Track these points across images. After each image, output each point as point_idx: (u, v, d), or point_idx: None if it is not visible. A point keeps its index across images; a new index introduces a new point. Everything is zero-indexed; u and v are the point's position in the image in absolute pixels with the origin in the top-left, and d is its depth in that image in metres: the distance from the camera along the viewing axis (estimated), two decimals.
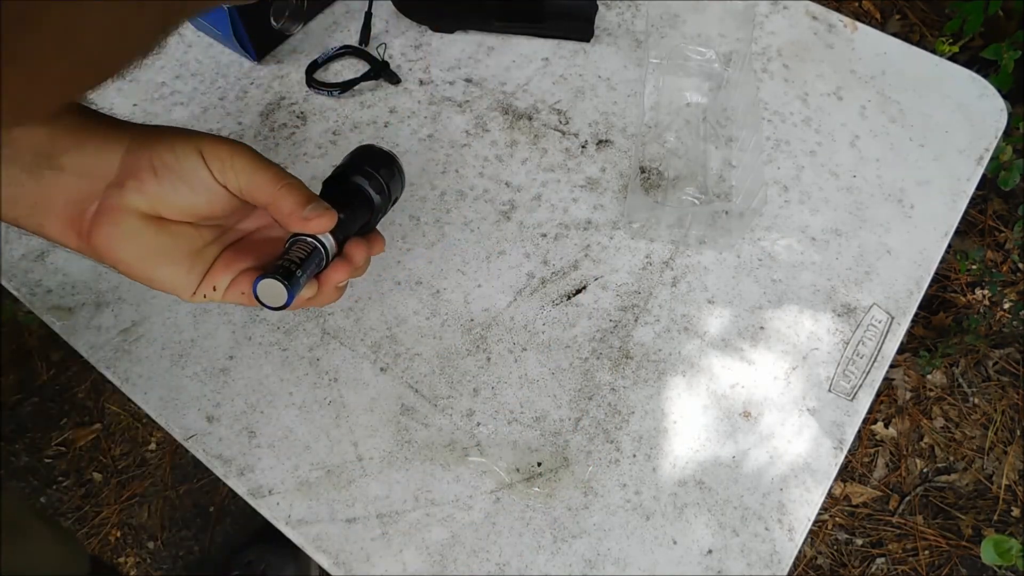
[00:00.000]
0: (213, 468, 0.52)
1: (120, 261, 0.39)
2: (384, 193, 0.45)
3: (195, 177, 0.38)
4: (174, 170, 0.37)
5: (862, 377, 0.56)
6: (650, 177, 0.63)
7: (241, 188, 0.38)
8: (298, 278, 0.38)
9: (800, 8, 0.73)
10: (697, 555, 0.50)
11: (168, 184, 0.37)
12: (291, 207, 0.39)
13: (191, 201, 0.38)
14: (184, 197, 0.38)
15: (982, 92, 0.69)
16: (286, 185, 0.39)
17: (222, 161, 0.38)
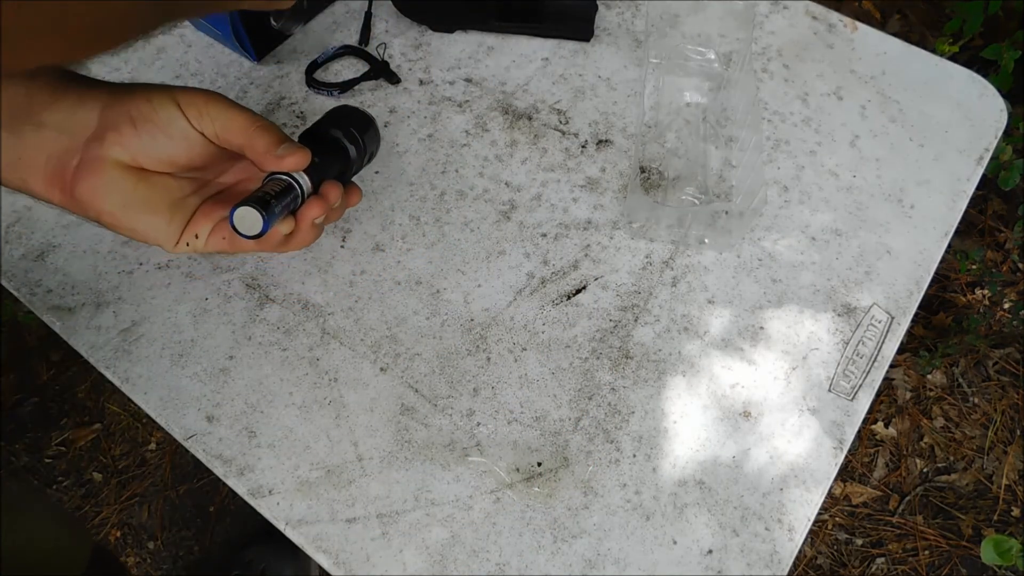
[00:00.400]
0: (213, 468, 0.52)
1: (103, 212, 0.40)
2: (359, 145, 0.46)
3: (172, 125, 0.39)
4: (152, 120, 0.38)
5: (862, 377, 0.56)
6: (650, 177, 0.63)
7: (217, 133, 0.39)
8: (273, 207, 0.39)
9: (800, 8, 0.73)
10: (697, 555, 0.50)
11: (147, 134, 0.39)
12: (265, 145, 0.40)
13: (170, 150, 0.40)
14: (163, 146, 0.39)
15: (982, 92, 0.69)
16: (260, 127, 0.40)
17: (198, 108, 0.39)
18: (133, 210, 0.41)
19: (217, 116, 0.39)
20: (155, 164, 0.40)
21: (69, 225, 0.60)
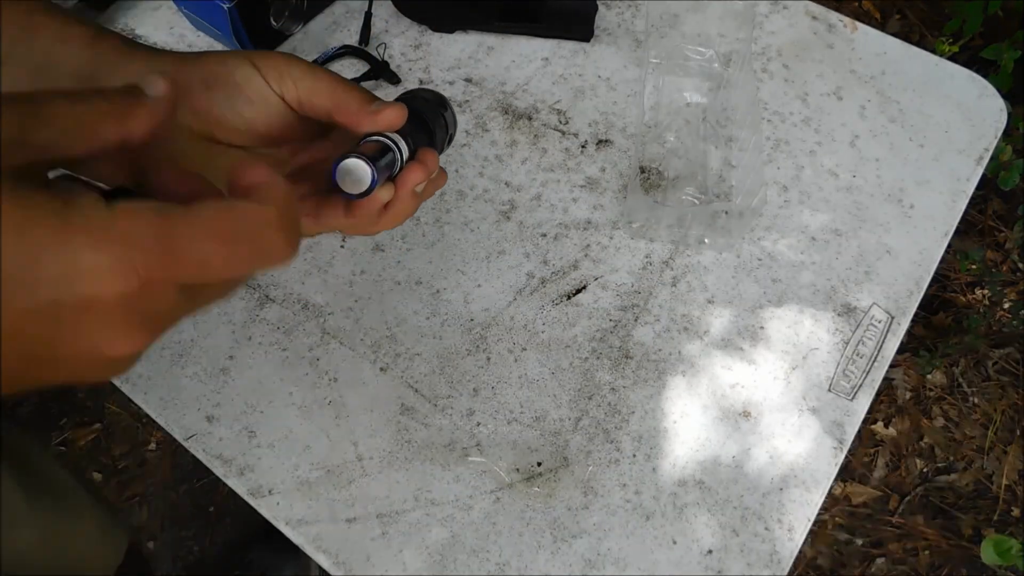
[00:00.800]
0: (213, 468, 0.52)
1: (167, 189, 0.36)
2: (443, 123, 0.42)
3: (250, 86, 0.35)
4: (227, 81, 0.35)
5: (862, 377, 0.56)
6: (650, 177, 0.63)
7: (299, 96, 0.35)
8: (378, 163, 0.34)
9: (800, 8, 0.73)
10: (697, 555, 0.50)
11: (221, 95, 0.35)
12: (358, 104, 0.36)
13: (247, 114, 0.35)
14: (239, 110, 0.35)
15: (982, 92, 0.69)
16: (347, 87, 0.36)
17: (278, 69, 0.35)
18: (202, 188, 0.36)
19: (300, 77, 0.35)
20: (229, 133, 0.36)
21: None
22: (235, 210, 0.25)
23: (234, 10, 0.63)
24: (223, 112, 0.35)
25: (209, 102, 0.34)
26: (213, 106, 0.35)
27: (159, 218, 0.23)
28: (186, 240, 0.23)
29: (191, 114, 0.34)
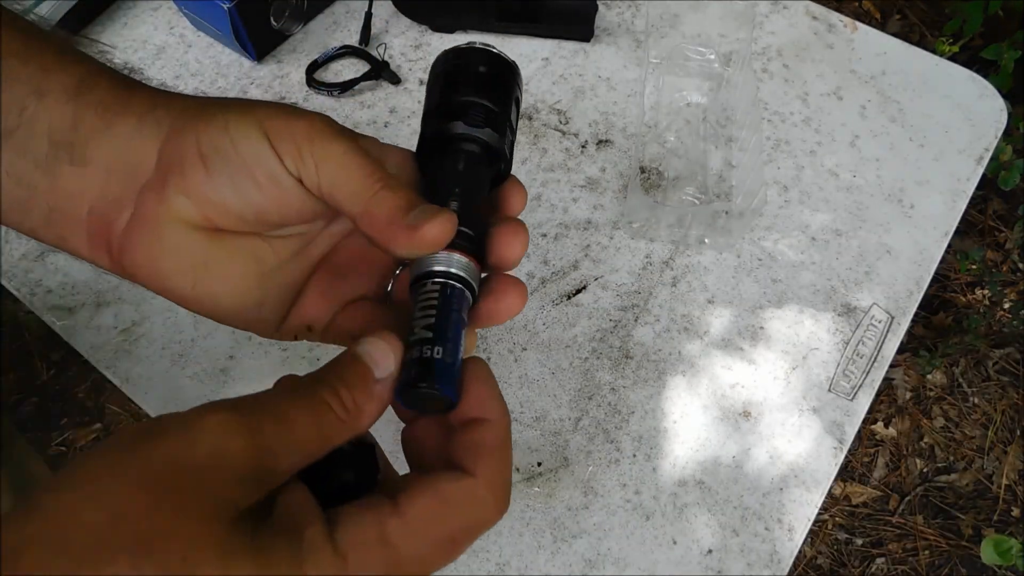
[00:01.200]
0: None
1: (167, 288, 0.29)
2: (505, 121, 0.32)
3: (259, 168, 0.27)
4: (229, 159, 0.27)
5: (862, 377, 0.56)
6: (650, 177, 0.63)
7: (322, 187, 0.27)
8: (447, 365, 0.26)
9: (800, 8, 0.73)
10: (697, 555, 0.50)
11: (222, 179, 0.27)
12: (389, 213, 0.27)
13: (254, 202, 0.27)
14: (244, 197, 0.27)
15: (982, 92, 0.69)
16: (385, 185, 0.27)
17: (296, 144, 0.27)
18: (208, 286, 0.29)
19: (323, 159, 0.27)
20: (234, 221, 0.28)
21: None
22: (449, 506, 0.23)
23: (234, 10, 0.63)
24: (225, 196, 0.27)
25: (208, 184, 0.27)
26: (212, 188, 0.27)
27: (385, 550, 0.22)
28: (414, 564, 0.23)
29: (185, 199, 0.27)
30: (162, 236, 0.28)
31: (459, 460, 0.25)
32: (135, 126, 0.27)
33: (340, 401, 0.23)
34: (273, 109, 0.27)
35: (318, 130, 0.27)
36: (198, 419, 0.21)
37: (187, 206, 0.27)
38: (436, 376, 0.25)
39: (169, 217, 0.27)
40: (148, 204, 0.27)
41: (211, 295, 0.29)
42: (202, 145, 0.27)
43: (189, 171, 0.27)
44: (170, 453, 0.20)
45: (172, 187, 0.27)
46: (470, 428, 0.26)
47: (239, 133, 0.27)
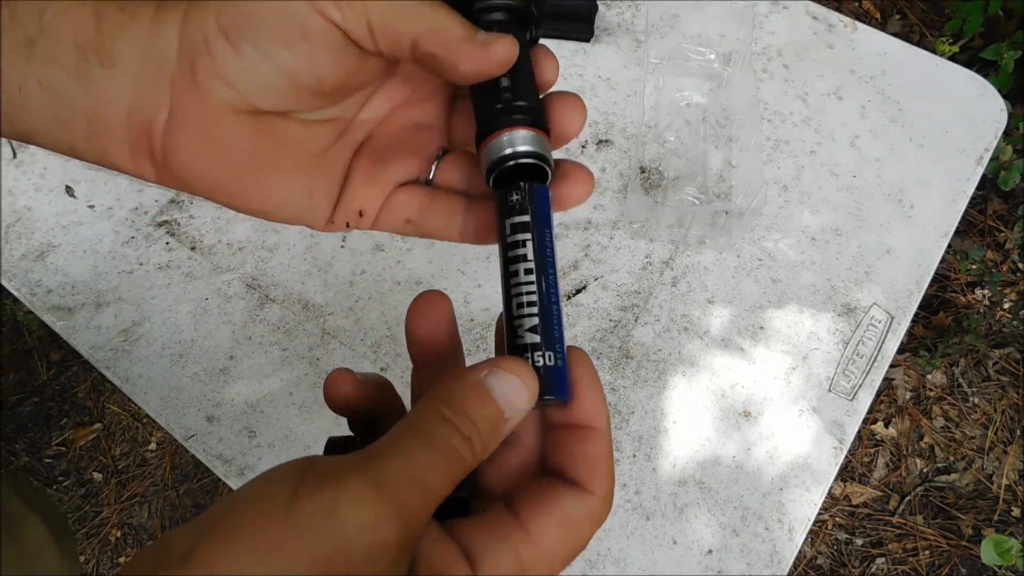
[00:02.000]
0: (213, 468, 0.52)
1: (216, 188, 0.27)
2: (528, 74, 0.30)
3: (290, 22, 0.24)
4: (254, 24, 0.24)
5: (862, 377, 0.56)
6: (650, 177, 0.63)
7: (372, 22, 0.24)
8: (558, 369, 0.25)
9: (800, 8, 0.73)
10: (697, 555, 0.50)
11: (252, 47, 0.24)
12: (459, 29, 0.25)
13: (290, 67, 0.25)
14: (279, 62, 0.25)
15: (982, 92, 0.69)
16: (445, 8, 0.25)
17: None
18: (256, 179, 0.27)
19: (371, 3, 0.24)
20: (274, 99, 0.26)
21: (69, 225, 0.60)
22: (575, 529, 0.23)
23: None
24: (259, 68, 0.25)
25: (238, 59, 0.25)
26: (244, 63, 0.25)
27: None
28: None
29: (220, 82, 0.25)
30: (203, 128, 0.26)
31: (575, 473, 0.24)
32: (154, 13, 0.25)
33: (472, 449, 0.22)
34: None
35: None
36: (350, 511, 0.19)
37: (222, 90, 0.25)
38: (549, 387, 0.24)
39: (206, 107, 0.25)
40: (183, 96, 0.25)
41: (260, 189, 0.27)
42: (222, 18, 0.24)
43: (216, 51, 0.24)
44: (325, 549, 0.19)
45: (202, 72, 0.25)
46: (582, 438, 0.25)
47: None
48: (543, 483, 0.24)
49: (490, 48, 0.25)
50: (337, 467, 0.20)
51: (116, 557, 1.31)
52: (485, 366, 0.24)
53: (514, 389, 0.23)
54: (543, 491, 0.24)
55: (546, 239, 0.26)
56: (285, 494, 0.19)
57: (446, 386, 0.23)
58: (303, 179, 0.28)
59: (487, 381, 0.23)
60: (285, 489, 0.20)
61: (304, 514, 0.19)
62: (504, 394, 0.23)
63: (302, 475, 0.20)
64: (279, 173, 0.27)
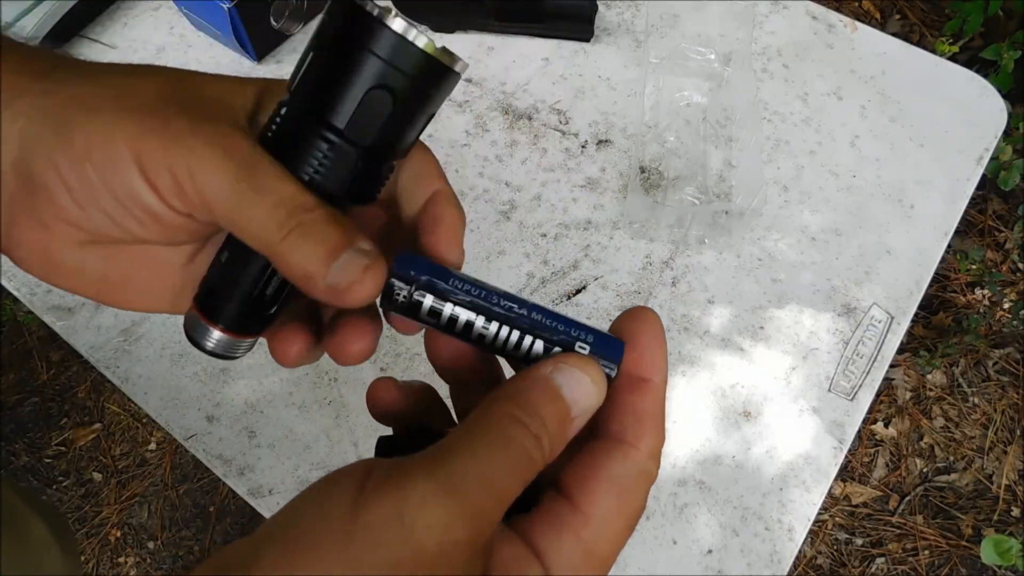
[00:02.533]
0: (213, 468, 0.52)
1: (64, 288, 0.25)
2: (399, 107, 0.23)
3: (134, 204, 0.22)
4: (98, 192, 0.22)
5: (862, 377, 0.56)
6: (650, 177, 0.63)
7: (217, 222, 0.23)
8: (599, 349, 0.24)
9: (800, 8, 0.73)
10: (697, 555, 0.50)
11: (95, 210, 0.23)
12: (303, 269, 0.22)
13: (138, 233, 0.24)
14: (125, 227, 0.23)
15: (982, 92, 0.69)
16: (295, 227, 0.22)
17: (176, 180, 0.22)
18: (112, 294, 0.26)
19: (213, 198, 0.22)
20: (120, 236, 0.24)
21: None
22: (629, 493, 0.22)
23: (234, 10, 0.63)
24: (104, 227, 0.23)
25: (82, 215, 0.23)
26: (88, 220, 0.23)
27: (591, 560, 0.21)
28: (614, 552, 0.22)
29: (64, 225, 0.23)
30: (47, 255, 0.24)
31: (619, 426, 0.23)
32: None
33: (541, 449, 0.21)
34: (147, 125, 0.22)
35: (199, 158, 0.22)
36: (418, 512, 0.19)
37: (67, 230, 0.23)
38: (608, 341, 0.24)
39: (49, 239, 0.24)
40: (22, 223, 0.23)
41: (116, 300, 0.26)
42: (63, 172, 0.22)
43: (58, 198, 0.23)
44: (393, 552, 0.18)
45: (44, 212, 0.23)
46: (634, 389, 0.24)
47: (105, 165, 0.22)
48: (585, 451, 0.23)
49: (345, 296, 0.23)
50: (402, 468, 0.20)
51: (116, 557, 1.31)
52: (550, 363, 0.23)
53: (582, 386, 0.23)
54: (586, 460, 0.23)
55: (457, 290, 0.24)
56: (348, 498, 0.19)
57: (513, 385, 0.22)
58: (166, 290, 0.27)
59: (554, 378, 0.22)
60: (348, 493, 0.19)
61: (369, 517, 0.18)
62: (572, 391, 0.22)
63: (364, 478, 0.20)
64: (134, 288, 0.26)
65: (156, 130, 0.22)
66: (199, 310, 0.26)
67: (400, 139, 0.24)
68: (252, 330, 0.26)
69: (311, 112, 0.23)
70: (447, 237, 0.26)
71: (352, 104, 0.23)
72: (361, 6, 0.22)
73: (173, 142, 0.22)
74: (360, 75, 0.22)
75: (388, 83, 0.22)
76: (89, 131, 0.22)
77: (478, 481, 0.19)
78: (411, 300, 0.23)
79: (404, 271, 0.23)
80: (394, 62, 0.22)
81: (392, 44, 0.22)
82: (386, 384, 0.26)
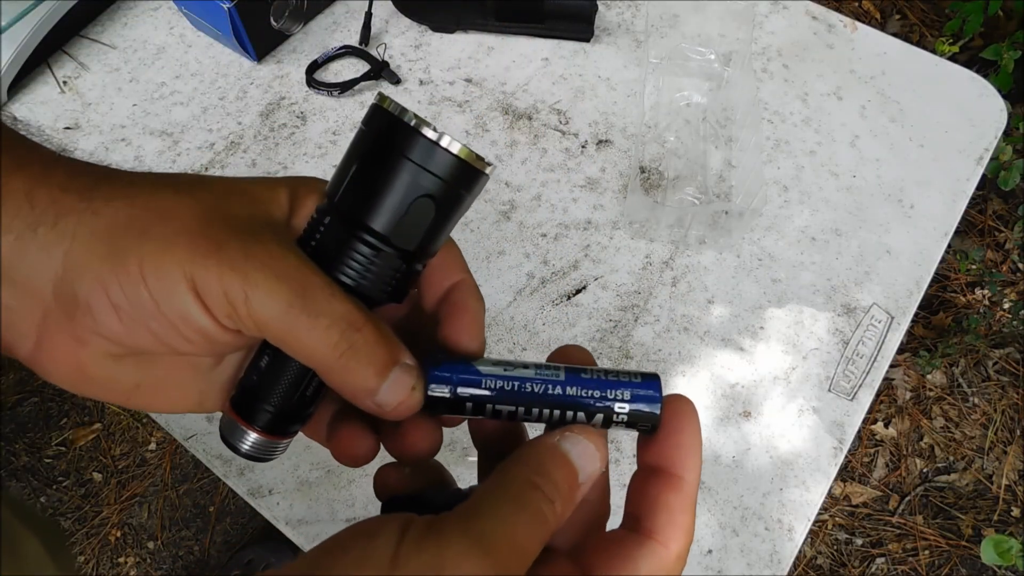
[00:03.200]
0: (213, 468, 0.52)
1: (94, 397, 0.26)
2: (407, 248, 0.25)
3: (187, 326, 0.23)
4: (148, 312, 0.23)
5: (862, 377, 0.56)
6: (650, 177, 0.63)
7: (270, 340, 0.24)
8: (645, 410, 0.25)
9: (800, 8, 0.73)
10: (697, 555, 0.50)
11: (142, 332, 0.23)
12: (355, 388, 0.24)
13: (186, 350, 0.24)
14: (173, 346, 0.24)
15: (982, 92, 0.69)
16: (347, 349, 0.23)
17: (232, 303, 0.22)
18: (142, 401, 0.26)
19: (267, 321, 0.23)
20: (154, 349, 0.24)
21: None
22: None
23: (234, 10, 0.63)
24: (148, 346, 0.24)
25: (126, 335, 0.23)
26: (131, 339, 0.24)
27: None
28: None
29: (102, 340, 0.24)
30: (80, 369, 0.24)
31: (651, 522, 0.24)
32: (14, 250, 0.22)
33: (555, 513, 0.22)
34: (199, 253, 0.22)
35: (253, 284, 0.22)
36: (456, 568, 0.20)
37: (104, 345, 0.24)
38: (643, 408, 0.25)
39: (84, 353, 0.24)
40: (56, 339, 0.24)
41: (147, 405, 0.27)
42: (112, 294, 0.22)
43: (102, 318, 0.23)
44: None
45: (82, 327, 0.23)
46: (667, 486, 0.24)
47: (159, 288, 0.22)
48: (616, 541, 0.24)
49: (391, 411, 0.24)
50: (438, 525, 0.20)
51: (116, 557, 1.31)
52: (556, 432, 0.24)
53: (586, 453, 0.24)
54: (616, 550, 0.23)
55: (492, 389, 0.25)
56: (389, 550, 0.20)
57: (527, 452, 0.23)
58: (194, 394, 0.27)
59: (562, 445, 0.24)
60: (389, 544, 0.20)
61: (409, 568, 0.19)
62: (578, 457, 0.24)
63: (403, 531, 0.20)
64: (166, 393, 0.27)
65: (211, 255, 0.22)
66: (236, 414, 0.26)
67: (437, 241, 0.26)
68: (289, 431, 0.27)
69: (355, 221, 0.24)
70: (470, 327, 0.27)
71: (399, 213, 0.24)
72: (401, 119, 0.23)
73: (228, 268, 0.22)
74: (405, 185, 0.24)
75: (431, 191, 0.24)
76: (142, 256, 0.22)
77: (508, 543, 0.20)
78: (455, 400, 0.25)
79: (443, 376, 0.25)
80: (435, 171, 0.24)
81: (434, 155, 0.23)
82: (391, 472, 0.27)
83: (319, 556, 0.21)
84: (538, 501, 0.22)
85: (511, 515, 0.21)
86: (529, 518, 0.21)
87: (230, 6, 0.62)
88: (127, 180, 0.24)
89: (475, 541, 0.20)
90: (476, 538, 0.20)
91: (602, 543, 0.24)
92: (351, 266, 0.24)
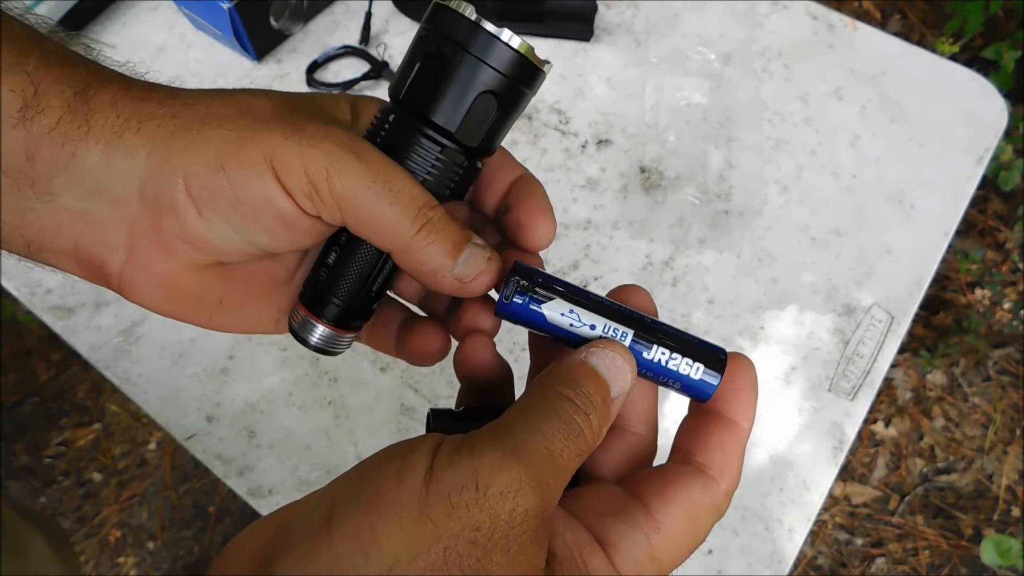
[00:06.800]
0: (213, 468, 0.52)
1: (179, 317, 0.27)
2: None
3: (268, 211, 0.23)
4: (229, 203, 0.23)
5: (862, 377, 0.55)
6: (650, 177, 0.63)
7: (347, 223, 0.24)
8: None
9: (800, 8, 0.73)
10: (697, 555, 0.50)
11: (223, 225, 0.24)
12: (433, 263, 0.24)
13: (264, 243, 0.25)
14: (252, 239, 0.24)
15: (982, 92, 0.69)
16: (424, 224, 0.24)
17: (313, 182, 0.23)
18: (222, 316, 0.27)
19: (347, 198, 0.23)
20: (237, 256, 0.25)
21: None
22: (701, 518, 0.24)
23: (234, 10, 0.63)
24: (229, 242, 0.24)
25: (207, 230, 0.24)
26: (214, 236, 0.24)
27: (654, 564, 0.22)
28: (672, 567, 0.23)
29: (186, 245, 0.24)
30: (165, 280, 0.25)
31: (705, 458, 0.25)
32: (103, 158, 0.23)
33: (591, 427, 0.22)
34: (279, 135, 0.23)
35: (335, 160, 0.23)
36: (492, 478, 0.19)
37: (189, 252, 0.24)
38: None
39: (169, 262, 0.25)
40: (143, 247, 0.24)
41: (227, 323, 0.28)
42: (192, 186, 0.23)
43: (184, 216, 0.23)
44: (471, 517, 0.19)
45: (168, 232, 0.24)
46: (724, 428, 0.26)
47: (238, 173, 0.23)
48: (669, 470, 0.25)
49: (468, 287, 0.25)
50: (471, 440, 0.20)
51: (116, 557, 1.31)
52: (582, 349, 0.24)
53: (615, 366, 0.23)
54: (670, 478, 0.24)
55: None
56: (423, 465, 0.20)
57: (555, 368, 0.23)
58: (272, 307, 0.28)
59: (589, 360, 0.23)
60: (423, 461, 0.20)
61: (446, 483, 0.19)
62: (607, 371, 0.23)
63: (435, 448, 0.20)
64: (247, 308, 0.28)
65: (291, 135, 0.23)
66: (305, 307, 0.27)
67: (498, 138, 0.26)
68: (354, 326, 0.28)
69: (421, 117, 0.25)
70: (542, 205, 0.27)
71: (463, 109, 0.24)
72: (463, 14, 0.24)
73: (309, 146, 0.23)
74: (470, 81, 0.24)
75: (494, 87, 0.24)
76: (223, 141, 0.23)
77: (543, 453, 0.20)
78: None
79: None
80: (498, 67, 0.24)
81: (497, 50, 0.24)
82: (483, 341, 0.27)
83: (355, 477, 0.21)
84: (572, 413, 0.21)
85: (544, 424, 0.21)
86: (563, 427, 0.21)
87: (230, 6, 0.62)
88: (202, 92, 0.25)
89: (509, 451, 0.20)
90: (510, 449, 0.20)
91: (653, 472, 0.25)
92: (416, 161, 0.25)
